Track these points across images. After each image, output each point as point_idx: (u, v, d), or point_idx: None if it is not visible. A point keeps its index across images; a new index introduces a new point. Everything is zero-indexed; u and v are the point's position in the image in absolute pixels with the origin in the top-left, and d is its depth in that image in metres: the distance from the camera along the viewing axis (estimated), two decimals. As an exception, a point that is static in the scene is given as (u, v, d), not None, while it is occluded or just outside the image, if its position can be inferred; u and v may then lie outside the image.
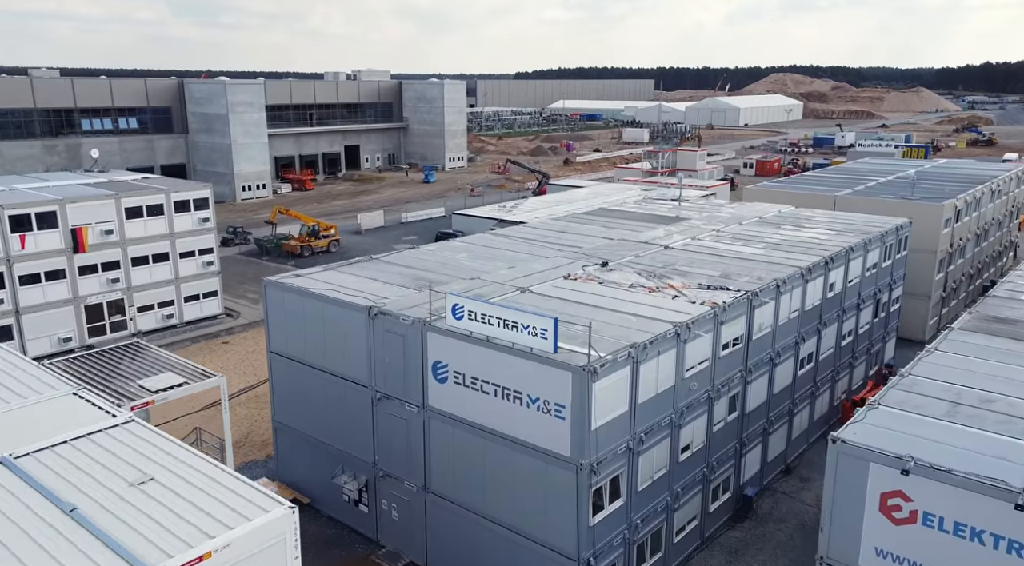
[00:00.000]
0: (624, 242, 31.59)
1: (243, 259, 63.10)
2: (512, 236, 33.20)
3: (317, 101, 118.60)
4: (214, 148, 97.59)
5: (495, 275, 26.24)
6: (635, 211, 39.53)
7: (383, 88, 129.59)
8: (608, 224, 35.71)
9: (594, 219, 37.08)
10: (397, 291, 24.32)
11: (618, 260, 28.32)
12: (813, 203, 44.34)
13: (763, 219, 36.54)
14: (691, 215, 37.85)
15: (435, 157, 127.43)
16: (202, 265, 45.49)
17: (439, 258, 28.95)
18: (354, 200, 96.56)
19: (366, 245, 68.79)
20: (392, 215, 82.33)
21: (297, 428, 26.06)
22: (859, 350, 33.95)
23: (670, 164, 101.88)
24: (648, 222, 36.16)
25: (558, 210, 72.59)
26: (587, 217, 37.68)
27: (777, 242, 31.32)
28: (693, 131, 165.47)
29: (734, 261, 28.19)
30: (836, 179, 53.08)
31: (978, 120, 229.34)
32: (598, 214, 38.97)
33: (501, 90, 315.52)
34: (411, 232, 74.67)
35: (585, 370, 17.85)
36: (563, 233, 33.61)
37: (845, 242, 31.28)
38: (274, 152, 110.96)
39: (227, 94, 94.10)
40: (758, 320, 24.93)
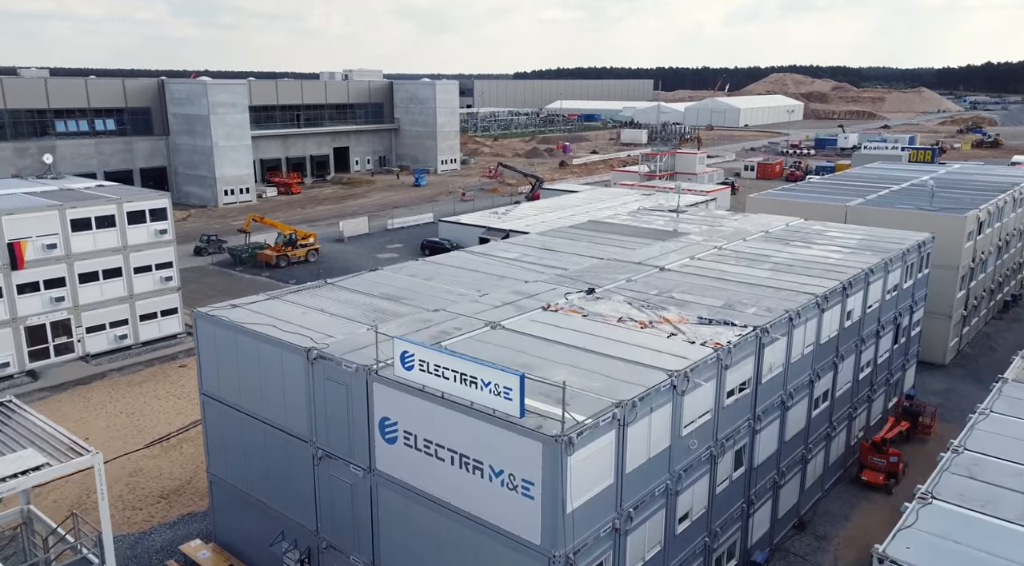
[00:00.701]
0: (615, 262, 28.05)
1: (215, 270, 59.51)
2: (490, 255, 29.65)
3: (305, 102, 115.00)
4: (195, 150, 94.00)
5: (463, 305, 22.70)
6: (629, 224, 35.96)
7: (374, 88, 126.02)
8: (598, 240, 32.17)
9: (583, 234, 33.52)
10: (346, 327, 20.77)
11: (607, 286, 24.77)
12: (823, 214, 40.84)
13: (769, 234, 33.02)
14: (690, 229, 34.32)
15: (427, 159, 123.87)
16: (160, 281, 41.93)
17: (403, 283, 25.40)
18: (340, 205, 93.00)
19: (347, 254, 65.26)
20: (378, 221, 78.76)
21: (234, 483, 22.51)
22: (878, 381, 30.42)
23: (668, 167, 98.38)
24: (642, 238, 32.61)
25: (550, 217, 69.14)
26: (575, 232, 34.12)
27: (786, 262, 27.77)
28: (692, 132, 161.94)
29: (739, 286, 24.65)
30: (845, 186, 49.57)
31: (981, 121, 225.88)
32: (588, 228, 35.40)
33: (498, 90, 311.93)
34: (396, 240, 71.12)
35: (558, 441, 14.32)
36: (547, 251, 30.05)
37: (863, 263, 27.75)
38: (259, 154, 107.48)
39: (208, 94, 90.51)
40: (768, 360, 21.41)
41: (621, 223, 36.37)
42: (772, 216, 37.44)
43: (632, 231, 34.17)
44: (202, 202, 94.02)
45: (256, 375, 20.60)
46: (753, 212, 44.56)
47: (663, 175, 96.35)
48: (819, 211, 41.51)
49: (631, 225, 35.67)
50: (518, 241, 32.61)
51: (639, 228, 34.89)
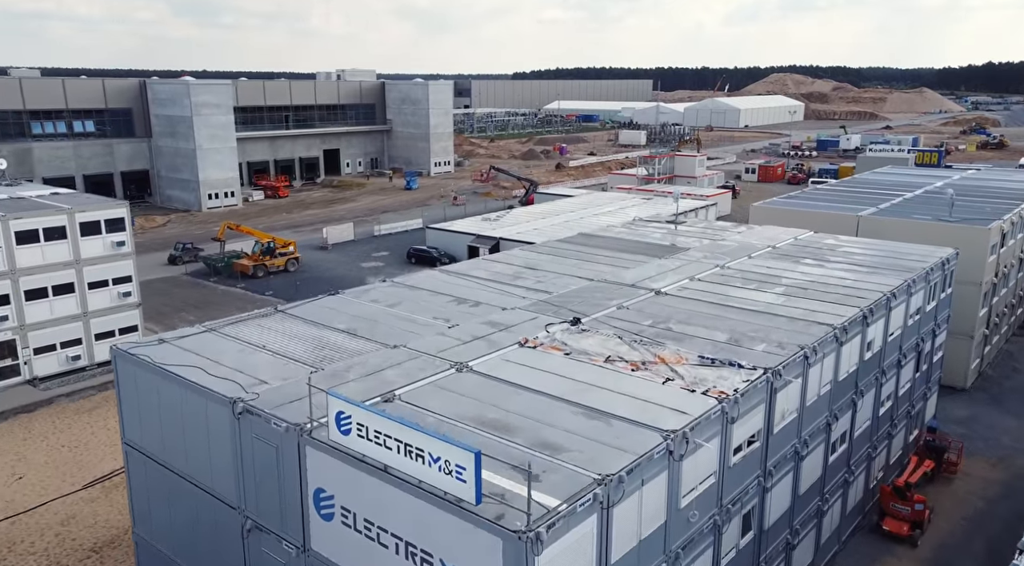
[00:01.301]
0: (605, 284, 24.99)
1: (188, 281, 56.45)
2: (465, 275, 26.57)
3: (294, 102, 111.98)
4: (178, 153, 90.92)
5: (428, 339, 19.66)
6: (622, 238, 32.88)
7: (365, 89, 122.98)
8: (588, 256, 29.11)
9: (571, 249, 30.46)
10: (287, 370, 17.71)
11: (595, 314, 21.72)
12: (832, 225, 37.81)
13: (777, 249, 29.97)
14: (689, 243, 31.25)
15: (420, 161, 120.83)
16: (117, 296, 38.87)
17: (363, 311, 22.32)
18: (328, 209, 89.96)
19: (330, 263, 62.20)
20: (364, 227, 75.70)
21: (160, 548, 19.45)
22: (899, 415, 27.38)
23: (667, 170, 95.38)
24: (637, 254, 29.56)
25: (543, 224, 66.12)
26: (563, 247, 31.04)
27: (798, 284, 24.72)
28: (692, 134, 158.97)
29: (745, 315, 21.60)
30: (854, 194, 46.54)
31: (985, 121, 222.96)
32: (577, 242, 32.32)
33: (496, 90, 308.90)
34: (382, 247, 68.05)
35: (523, 538, 11.28)
36: (530, 270, 26.99)
37: (883, 285, 24.68)
38: (246, 157, 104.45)
39: (191, 95, 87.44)
40: (781, 406, 18.38)
41: (614, 236, 33.30)
42: (779, 228, 34.37)
43: (626, 246, 31.10)
44: (185, 206, 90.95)
45: (180, 426, 17.56)
46: (757, 222, 41.56)
47: (661, 178, 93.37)
48: (828, 221, 38.49)
49: (625, 239, 32.59)
50: (499, 258, 29.49)
51: (633, 242, 31.82)
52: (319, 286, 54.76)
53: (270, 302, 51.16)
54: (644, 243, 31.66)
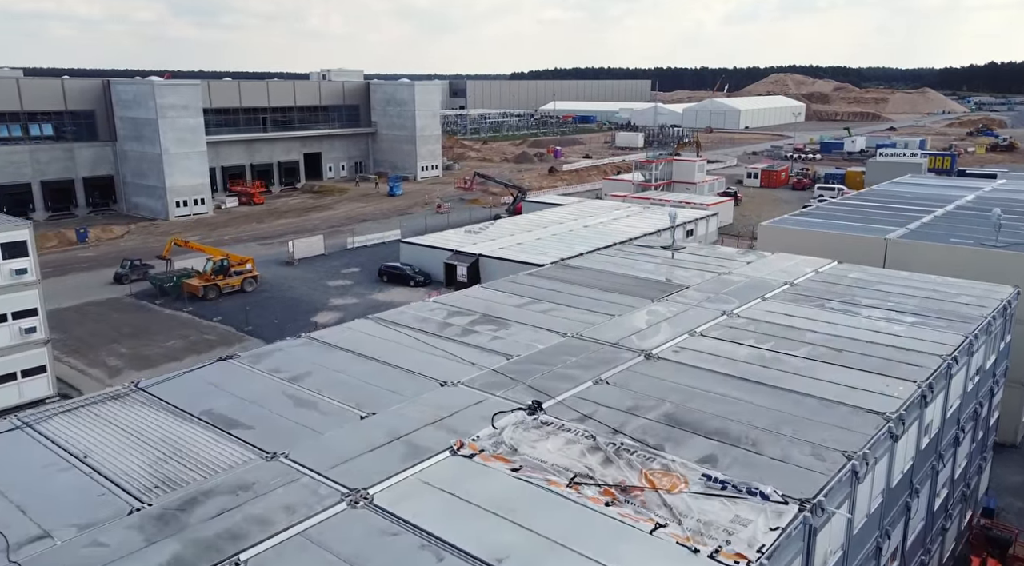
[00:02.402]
0: (581, 343, 19.40)
1: (132, 303, 50.86)
2: (405, 328, 20.98)
3: (272, 104, 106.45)
4: (144, 158, 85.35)
5: (325, 439, 14.07)
6: (608, 270, 27.27)
7: (349, 89, 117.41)
8: (565, 297, 23.50)
9: (544, 288, 24.84)
10: (99, 509, 12.12)
11: (562, 394, 16.15)
12: (855, 250, 32.32)
13: (795, 286, 24.38)
14: (688, 278, 25.65)
15: (406, 165, 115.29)
16: (19, 333, 33.27)
17: (251, 390, 16.67)
18: (303, 218, 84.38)
19: (293, 281, 56.57)
20: (338, 239, 70.15)
21: None
22: (954, 501, 21.82)
23: (665, 176, 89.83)
24: (625, 294, 23.94)
25: (528, 237, 60.52)
26: (534, 285, 25.38)
27: (828, 342, 19.11)
28: (692, 136, 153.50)
29: (763, 395, 16.03)
30: (875, 210, 40.99)
31: (991, 122, 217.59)
32: (553, 276, 26.68)
33: (492, 91, 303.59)
34: (354, 262, 62.46)
35: None
36: (490, 319, 21.39)
37: (939, 343, 19.08)
38: (220, 161, 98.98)
39: (156, 96, 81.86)
40: (822, 549, 12.81)
41: (598, 268, 27.69)
42: (795, 258, 28.76)
43: (611, 281, 25.49)
44: (152, 214, 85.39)
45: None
46: (766, 244, 36.05)
47: (659, 185, 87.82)
48: (850, 245, 32.98)
49: (610, 272, 26.97)
50: (454, 300, 23.83)
51: (620, 277, 26.21)
52: (275, 309, 49.28)
53: (218, 329, 45.62)
54: (633, 278, 26.03)
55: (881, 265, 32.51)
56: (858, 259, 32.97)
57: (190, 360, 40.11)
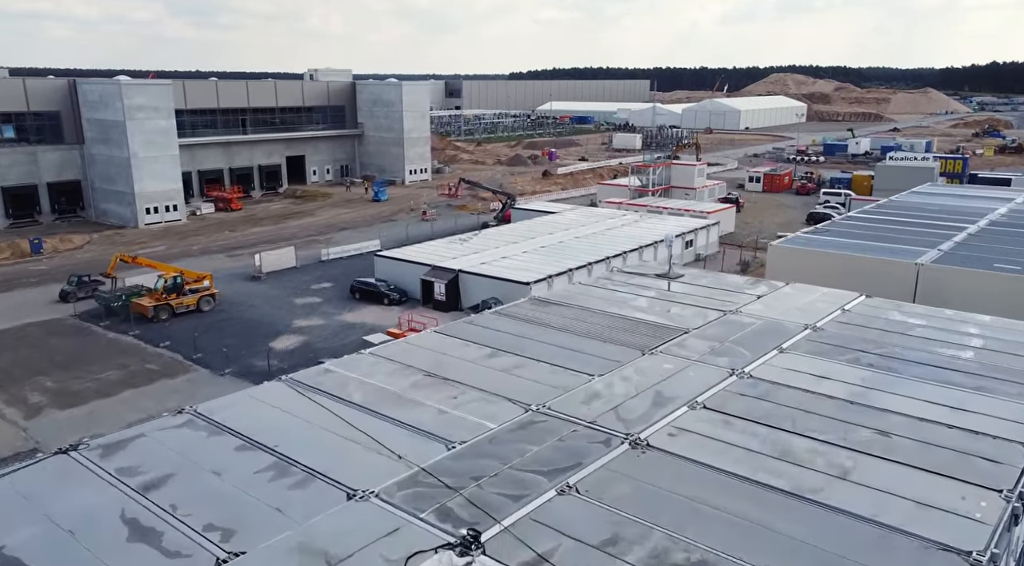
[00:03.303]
0: (546, 421, 14.80)
1: (74, 325, 46.29)
2: (323, 394, 16.37)
3: (251, 105, 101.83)
4: (112, 162, 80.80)
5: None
6: (592, 306, 22.66)
7: (334, 89, 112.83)
8: (533, 346, 18.87)
9: (512, 334, 20.24)
10: None
11: (509, 518, 11.55)
12: (882, 277, 27.85)
13: (818, 332, 19.81)
14: (687, 319, 21.02)
15: (394, 169, 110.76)
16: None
17: (73, 511, 12.11)
18: (280, 225, 79.81)
19: (257, 299, 51.97)
20: (314, 248, 65.58)
21: None
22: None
23: (663, 180, 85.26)
24: (609, 342, 19.34)
25: (514, 250, 55.83)
26: (497, 328, 20.78)
27: (872, 422, 14.53)
28: (691, 138, 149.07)
29: (796, 523, 11.45)
30: (897, 225, 36.45)
31: (996, 123, 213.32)
32: (524, 316, 22.01)
33: (489, 91, 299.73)
34: (327, 276, 57.86)
35: None
36: (433, 382, 16.79)
37: (1010, 422, 14.53)
38: (197, 165, 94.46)
39: (123, 97, 77.29)
40: None
41: (579, 304, 23.07)
42: (814, 291, 24.13)
43: (596, 323, 20.86)
44: (122, 222, 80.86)
45: None
46: (777, 267, 31.54)
47: (656, 190, 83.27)
48: (875, 271, 28.47)
49: (594, 310, 22.35)
50: (395, 354, 19.13)
51: (608, 317, 21.57)
52: (232, 332, 44.59)
53: (163, 357, 41.04)
54: (622, 318, 21.39)
55: (912, 294, 28.05)
56: (884, 287, 28.45)
57: (125, 396, 35.63)
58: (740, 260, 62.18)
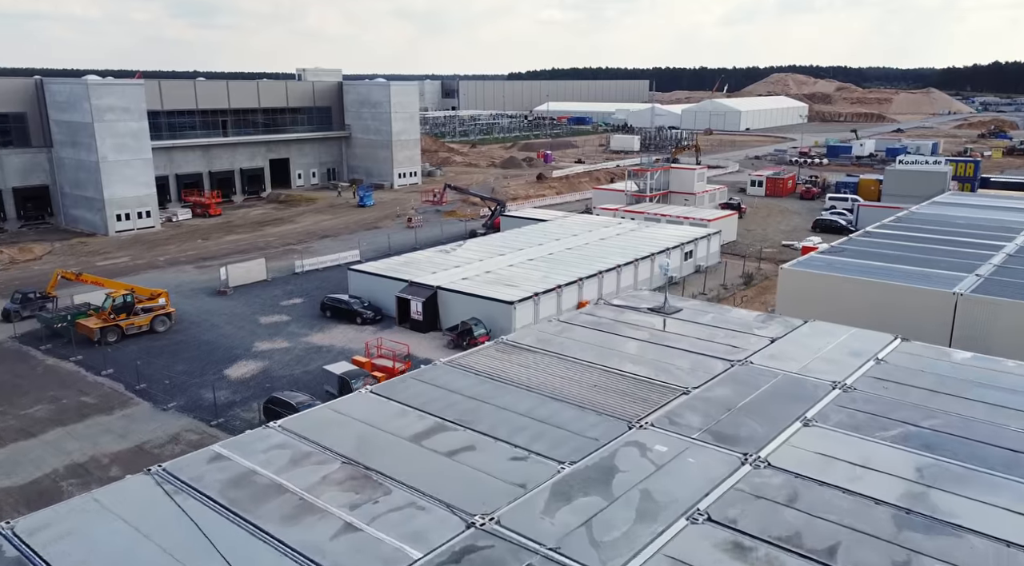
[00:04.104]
0: (494, 541, 10.75)
1: (12, 349, 42.11)
2: (200, 496, 12.31)
3: (232, 106, 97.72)
4: (81, 166, 76.72)
5: None
6: (571, 355, 18.59)
7: (320, 90, 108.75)
8: (489, 419, 14.80)
9: (465, 397, 16.13)
10: None
11: None
12: (911, 309, 23.85)
13: (850, 393, 15.72)
14: (685, 373, 16.92)
15: (382, 172, 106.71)
16: None
17: None
18: (256, 233, 75.64)
19: (219, 317, 47.84)
20: (285, 260, 61.49)
21: None
22: None
23: (661, 185, 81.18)
24: (586, 407, 15.27)
25: (498, 263, 51.64)
26: (450, 392, 16.66)
27: (946, 552, 10.53)
28: (691, 139, 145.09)
29: None
30: (924, 244, 32.33)
31: (1002, 124, 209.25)
32: (484, 372, 17.93)
33: (486, 91, 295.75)
34: (299, 291, 53.73)
35: None
36: (352, 475, 12.68)
37: None
38: (175, 169, 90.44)
39: (91, 97, 73.17)
40: None
41: (557, 352, 19.01)
42: (837, 331, 20.01)
43: (572, 378, 16.78)
44: (92, 229, 76.78)
45: None
46: (790, 295, 27.51)
47: (654, 195, 79.19)
48: (904, 301, 24.43)
49: (574, 359, 18.29)
50: (307, 429, 15.05)
51: (587, 369, 17.49)
52: (185, 356, 40.27)
53: (103, 387, 36.87)
54: (604, 371, 17.30)
55: (948, 329, 23.99)
56: (916, 320, 24.43)
57: (51, 436, 31.54)
58: (743, 272, 58.11)
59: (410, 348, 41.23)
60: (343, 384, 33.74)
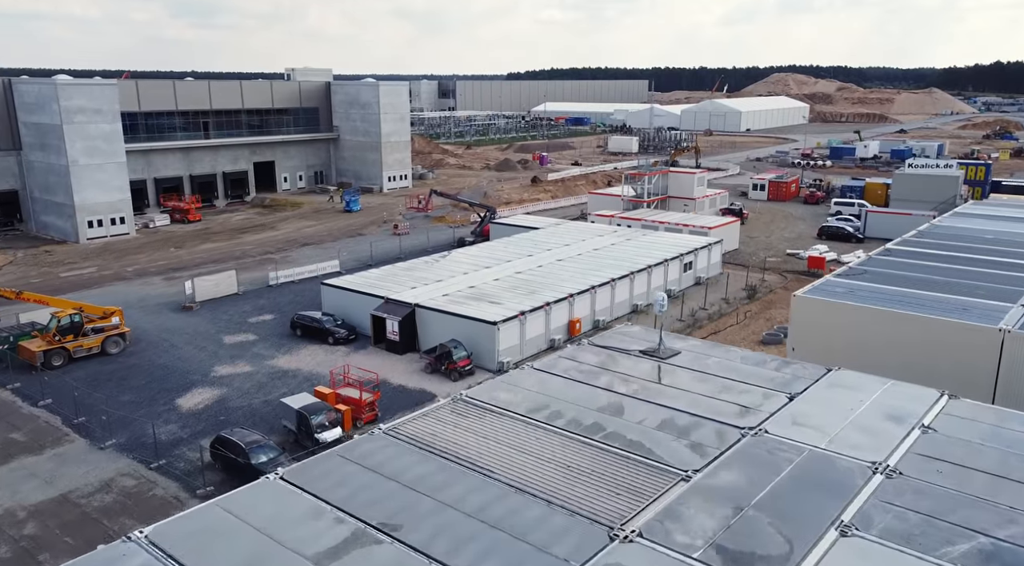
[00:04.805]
0: None
1: (-53, 374, 38.62)
2: None
3: (214, 106, 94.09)
4: (51, 170, 73.14)
5: None
6: (538, 422, 15.05)
7: (307, 90, 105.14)
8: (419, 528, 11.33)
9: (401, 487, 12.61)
10: None
11: None
12: (950, 349, 20.34)
13: (895, 480, 12.19)
14: (682, 446, 13.40)
15: (371, 175, 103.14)
16: None
17: None
18: (234, 241, 72.00)
19: (181, 337, 44.20)
20: (263, 270, 57.89)
21: None
22: None
23: (659, 190, 77.59)
24: (553, 504, 11.75)
25: (483, 277, 48.00)
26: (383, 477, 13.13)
27: None
28: (691, 141, 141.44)
29: None
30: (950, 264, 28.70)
31: (1007, 125, 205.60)
32: (433, 445, 14.25)
33: (484, 91, 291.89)
34: (271, 306, 50.09)
35: None
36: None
37: None
38: (153, 172, 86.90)
39: (59, 98, 69.60)
40: None
41: (523, 414, 15.45)
42: (872, 386, 16.43)
43: (537, 456, 13.19)
44: (63, 236, 73.21)
45: None
46: (804, 327, 24.01)
47: (652, 201, 75.62)
48: (939, 337, 20.89)
49: (542, 424, 14.72)
50: (187, 539, 11.66)
51: (559, 438, 13.94)
52: (135, 383, 36.22)
53: (38, 420, 33.19)
54: (581, 444, 13.74)
55: (993, 373, 20.47)
56: (954, 360, 20.94)
57: (-32, 481, 27.87)
58: (746, 284, 54.55)
59: (381, 375, 37.74)
60: (302, 420, 30.19)
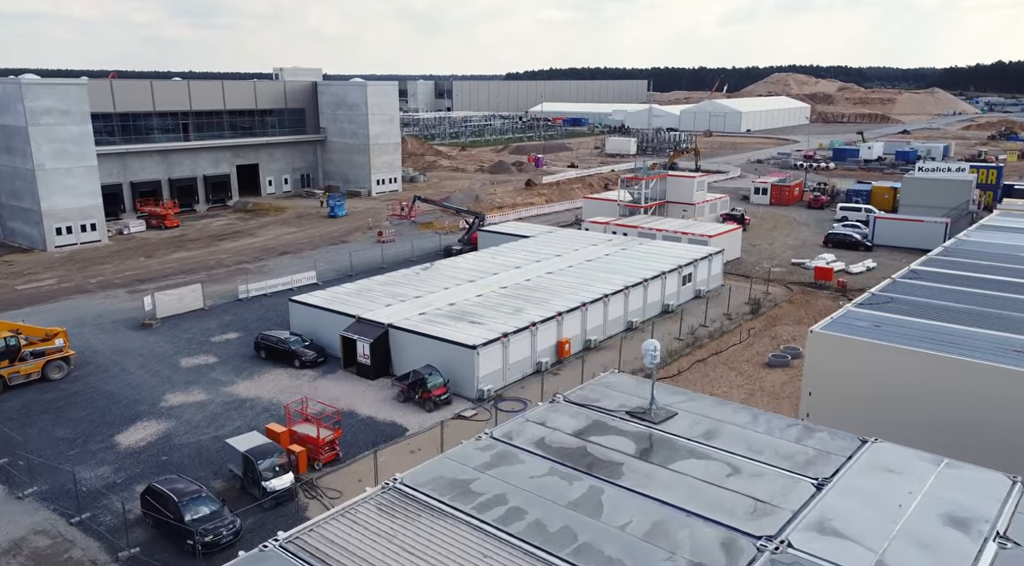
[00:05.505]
0: None
1: None
2: None
3: (194, 107, 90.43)
4: (17, 174, 69.52)
5: None
6: (492, 521, 11.56)
7: (292, 91, 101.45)
8: None
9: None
10: None
11: None
12: (992, 395, 16.93)
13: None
14: None
15: (359, 178, 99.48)
16: None
17: None
18: (209, 249, 68.31)
19: (134, 358, 40.52)
20: (235, 282, 54.28)
21: None
22: None
23: (657, 195, 73.94)
24: None
25: (469, 292, 44.49)
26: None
27: None
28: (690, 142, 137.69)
29: None
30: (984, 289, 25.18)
31: (1012, 125, 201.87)
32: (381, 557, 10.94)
33: (481, 92, 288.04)
34: (237, 323, 46.43)
35: None
36: None
37: None
38: (129, 176, 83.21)
39: (24, 98, 65.91)
40: None
41: (471, 511, 11.90)
42: (917, 468, 12.92)
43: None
44: (31, 243, 69.58)
45: None
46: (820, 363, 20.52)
47: (649, 206, 71.99)
48: (982, 383, 17.41)
49: (496, 531, 11.22)
50: None
51: (513, 557, 10.49)
52: (73, 415, 31.85)
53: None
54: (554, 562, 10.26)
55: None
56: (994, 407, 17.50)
57: None
58: (749, 298, 50.96)
59: (349, 403, 34.13)
60: (248, 464, 26.61)
